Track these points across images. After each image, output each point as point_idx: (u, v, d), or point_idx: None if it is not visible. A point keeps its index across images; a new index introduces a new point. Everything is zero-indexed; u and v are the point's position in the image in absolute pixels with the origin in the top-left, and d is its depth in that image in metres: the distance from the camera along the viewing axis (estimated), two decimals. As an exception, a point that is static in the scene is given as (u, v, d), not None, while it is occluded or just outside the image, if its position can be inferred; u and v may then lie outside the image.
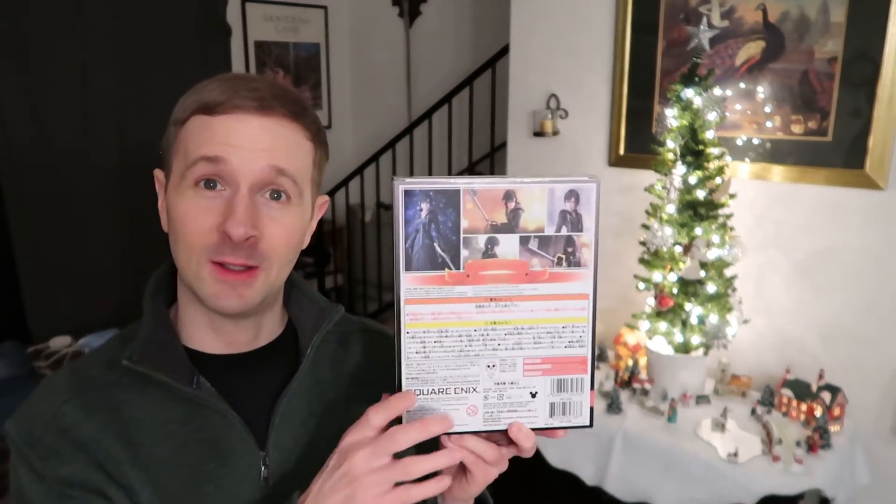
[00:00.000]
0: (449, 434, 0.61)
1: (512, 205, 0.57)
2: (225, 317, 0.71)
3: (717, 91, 1.99)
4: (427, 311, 0.59)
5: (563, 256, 0.59)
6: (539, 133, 2.57)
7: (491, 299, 0.59)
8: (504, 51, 3.23)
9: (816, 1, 2.01)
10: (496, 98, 3.62)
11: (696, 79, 1.99)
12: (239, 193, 0.65)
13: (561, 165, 2.60)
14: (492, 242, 0.58)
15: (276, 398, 0.74)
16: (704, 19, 2.12)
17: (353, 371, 0.81)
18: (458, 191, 0.57)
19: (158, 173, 0.72)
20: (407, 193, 0.56)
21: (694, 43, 2.13)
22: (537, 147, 2.65)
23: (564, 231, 0.59)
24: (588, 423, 0.64)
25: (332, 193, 3.97)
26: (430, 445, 0.61)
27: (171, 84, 3.43)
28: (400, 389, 0.61)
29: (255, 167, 0.65)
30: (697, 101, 1.98)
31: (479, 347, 0.61)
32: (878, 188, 1.98)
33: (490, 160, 3.81)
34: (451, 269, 0.58)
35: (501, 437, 0.64)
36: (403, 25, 4.33)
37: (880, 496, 2.11)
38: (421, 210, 0.56)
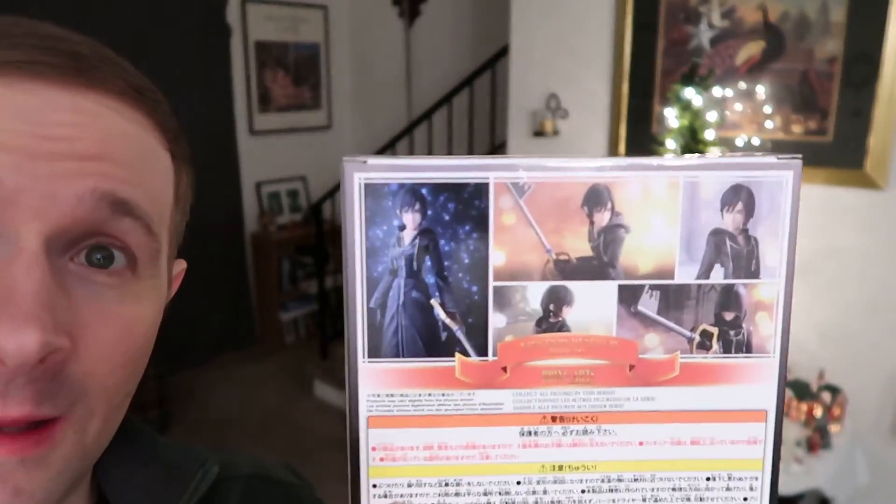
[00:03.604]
0: None
1: (603, 215, 0.29)
2: None
3: (717, 91, 2.00)
4: (415, 443, 0.30)
5: (714, 331, 0.30)
6: (539, 133, 2.57)
7: (554, 419, 0.30)
8: (504, 51, 3.23)
9: (816, 1, 2.01)
10: (496, 98, 3.62)
11: (696, 79, 1.99)
12: (21, 253, 0.30)
13: (561, 165, 2.60)
14: (557, 298, 0.29)
15: None
16: (704, 19, 2.12)
17: None
18: (486, 184, 0.28)
19: None
20: (369, 191, 0.28)
21: (694, 43, 2.13)
22: (537, 147, 2.65)
23: (718, 275, 0.29)
24: None
25: (331, 194, 3.97)
26: None
27: (171, 85, 3.44)
28: None
29: (61, 194, 0.31)
30: (697, 101, 1.98)
31: None
32: (878, 188, 1.98)
33: (490, 160, 3.81)
34: (467, 354, 0.29)
35: None
36: (403, 25, 4.33)
37: (880, 496, 2.11)
38: (402, 228, 0.28)
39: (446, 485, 0.30)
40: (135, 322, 0.34)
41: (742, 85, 2.16)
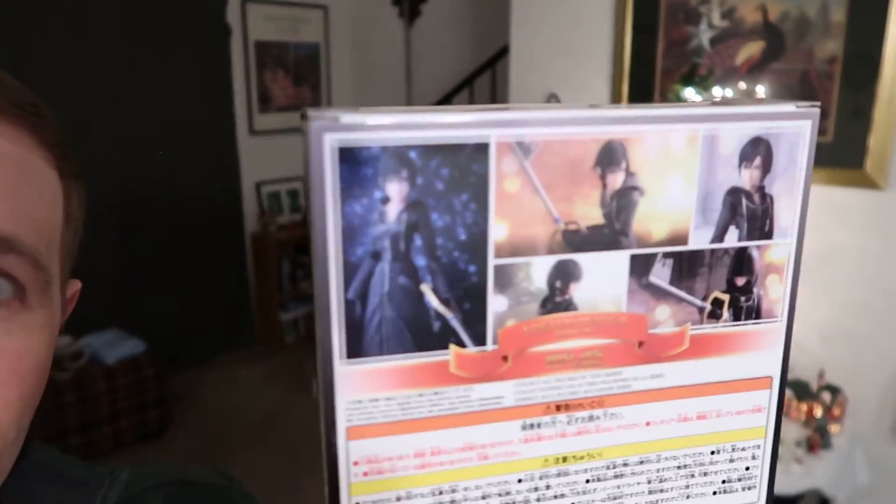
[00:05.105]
0: None
1: (617, 176, 0.25)
2: None
3: (717, 91, 2.00)
4: (404, 451, 0.26)
5: (725, 298, 0.27)
6: (539, 133, 2.58)
7: (559, 408, 0.27)
8: (504, 51, 3.23)
9: (816, 1, 2.01)
10: (496, 98, 3.62)
11: (696, 79, 1.99)
12: None
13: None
14: (565, 273, 0.25)
15: None
16: (704, 19, 2.12)
17: None
18: (486, 145, 0.23)
19: None
20: (346, 157, 0.22)
21: (694, 43, 2.13)
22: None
23: (732, 237, 0.27)
24: None
25: (332, 193, 3.97)
26: None
27: (171, 85, 3.45)
28: None
29: None
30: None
31: None
32: (878, 188, 1.98)
33: (490, 160, 3.82)
34: (463, 344, 0.25)
35: None
36: (403, 25, 4.33)
37: (880, 496, 2.11)
38: (386, 202, 0.23)
39: (440, 493, 0.26)
40: (26, 354, 0.32)
41: (742, 85, 2.16)
